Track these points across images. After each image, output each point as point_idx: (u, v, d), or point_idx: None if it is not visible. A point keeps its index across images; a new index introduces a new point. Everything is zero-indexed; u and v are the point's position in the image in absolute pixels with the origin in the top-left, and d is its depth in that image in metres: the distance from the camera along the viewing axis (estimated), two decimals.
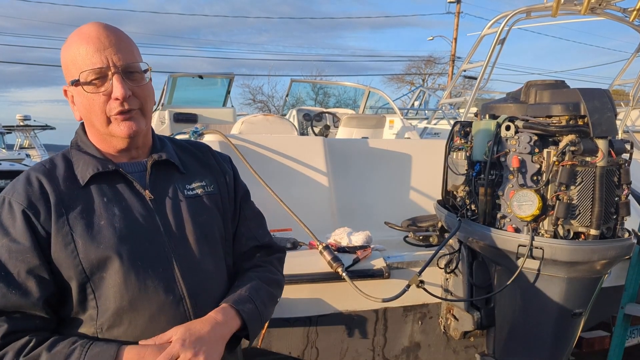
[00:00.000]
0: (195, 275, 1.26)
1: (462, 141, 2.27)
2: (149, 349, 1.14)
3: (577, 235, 1.90)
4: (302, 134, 6.29)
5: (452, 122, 2.50)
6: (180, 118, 7.03)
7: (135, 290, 1.18)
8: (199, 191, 1.34)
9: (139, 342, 1.16)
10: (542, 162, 1.92)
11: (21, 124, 22.20)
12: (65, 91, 1.27)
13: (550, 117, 1.93)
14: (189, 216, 1.30)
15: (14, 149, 21.25)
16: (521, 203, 1.89)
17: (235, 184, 1.45)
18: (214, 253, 1.33)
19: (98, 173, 1.23)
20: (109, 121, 1.21)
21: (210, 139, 3.03)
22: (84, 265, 1.16)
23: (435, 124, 8.21)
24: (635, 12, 4.11)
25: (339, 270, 2.21)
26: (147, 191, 1.27)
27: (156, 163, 1.30)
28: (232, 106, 8.15)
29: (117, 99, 1.19)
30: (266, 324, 2.17)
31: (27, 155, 18.96)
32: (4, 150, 18.25)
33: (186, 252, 1.27)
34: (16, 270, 1.13)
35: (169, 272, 1.23)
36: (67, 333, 1.18)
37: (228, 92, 8.15)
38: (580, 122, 1.89)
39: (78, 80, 1.19)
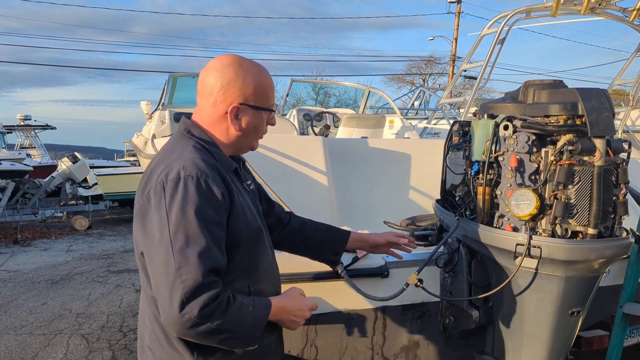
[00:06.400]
0: (272, 250, 1.72)
1: (461, 141, 2.27)
2: (287, 298, 1.59)
3: (574, 234, 1.91)
4: (302, 133, 6.30)
5: (451, 121, 2.51)
6: (180, 118, 7.03)
7: (266, 256, 1.63)
8: (252, 188, 1.74)
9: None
10: (540, 161, 1.92)
11: (22, 123, 22.21)
12: (234, 107, 1.54)
13: (548, 116, 1.94)
14: (258, 206, 1.72)
15: (15, 148, 21.27)
16: (519, 202, 1.90)
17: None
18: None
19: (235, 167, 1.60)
20: (257, 138, 1.65)
21: None
22: (247, 238, 1.52)
23: (435, 124, 8.22)
24: (635, 12, 4.11)
25: (338, 269, 2.21)
26: (244, 184, 1.66)
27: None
28: None
29: (272, 125, 1.65)
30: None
31: (28, 155, 18.98)
32: (4, 149, 18.26)
33: (266, 232, 1.69)
34: (219, 239, 1.42)
35: (269, 247, 1.67)
36: (229, 287, 1.44)
37: None
38: (578, 122, 1.89)
39: (267, 108, 1.60)
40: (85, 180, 14.36)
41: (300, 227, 2.03)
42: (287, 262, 2.29)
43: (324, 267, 2.26)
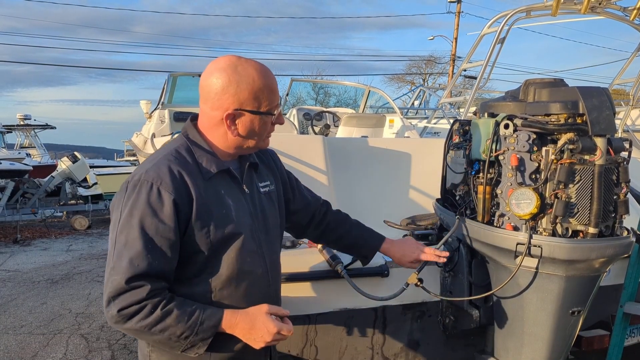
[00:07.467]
0: (272, 255, 1.68)
1: (461, 140, 2.27)
2: (245, 316, 1.50)
3: (575, 233, 1.90)
4: (302, 133, 6.29)
5: (452, 121, 2.50)
6: (180, 117, 7.02)
7: (241, 264, 1.55)
8: (267, 189, 1.73)
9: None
10: (540, 160, 1.91)
11: (21, 123, 22.22)
12: (229, 114, 1.52)
13: (549, 115, 1.93)
14: (266, 208, 1.68)
15: (15, 148, 21.28)
16: (519, 201, 1.89)
17: (287, 174, 1.93)
18: (279, 238, 1.76)
19: (218, 171, 1.56)
20: (262, 138, 1.62)
21: None
22: (212, 244, 1.51)
23: (435, 124, 8.22)
24: (635, 11, 4.11)
25: (338, 268, 2.21)
26: (244, 186, 1.63)
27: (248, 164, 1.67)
28: None
29: (279, 124, 1.64)
30: None
31: (28, 155, 18.99)
32: (4, 149, 18.27)
33: (266, 237, 1.65)
34: (161, 245, 1.44)
35: (259, 252, 1.61)
36: (188, 290, 1.51)
37: None
38: (578, 120, 1.88)
39: (266, 111, 1.56)
40: (85, 179, 14.37)
41: (335, 227, 2.03)
42: (287, 262, 2.29)
43: (324, 267, 2.26)
